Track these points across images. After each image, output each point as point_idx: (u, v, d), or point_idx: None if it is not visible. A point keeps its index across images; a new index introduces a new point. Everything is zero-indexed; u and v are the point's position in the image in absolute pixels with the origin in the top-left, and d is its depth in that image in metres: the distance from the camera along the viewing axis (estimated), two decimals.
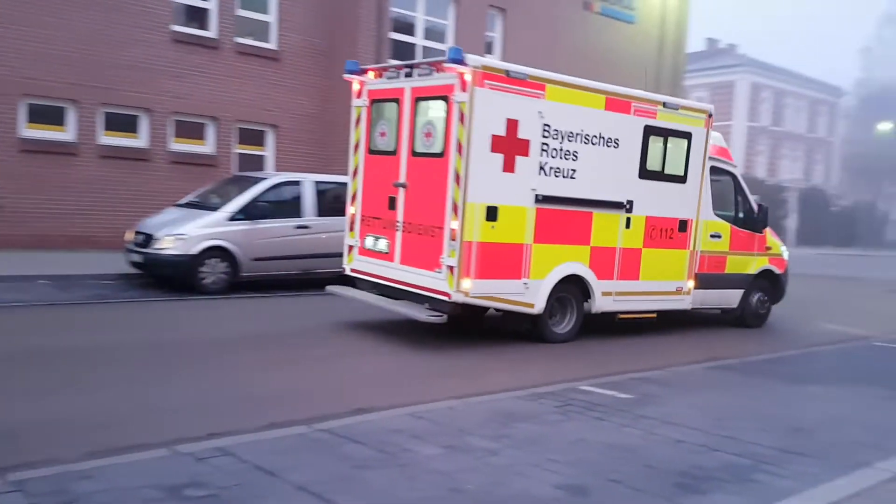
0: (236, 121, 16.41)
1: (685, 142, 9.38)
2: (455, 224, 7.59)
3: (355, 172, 9.12)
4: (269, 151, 17.21)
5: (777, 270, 11.06)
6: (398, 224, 8.39)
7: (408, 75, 8.32)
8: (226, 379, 6.40)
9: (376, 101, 8.82)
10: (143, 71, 14.90)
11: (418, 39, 18.90)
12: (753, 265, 10.71)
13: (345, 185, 11.78)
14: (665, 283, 9.45)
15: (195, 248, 10.70)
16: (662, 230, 9.29)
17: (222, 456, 4.29)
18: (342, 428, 4.94)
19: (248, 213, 11.16)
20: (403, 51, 18.67)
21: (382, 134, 8.70)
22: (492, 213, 7.77)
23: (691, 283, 9.69)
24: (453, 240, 7.62)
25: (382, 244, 8.65)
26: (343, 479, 4.05)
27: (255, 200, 11.29)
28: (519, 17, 20.65)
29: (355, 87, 9.05)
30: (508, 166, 7.83)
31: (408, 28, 18.70)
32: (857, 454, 4.86)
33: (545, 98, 8.06)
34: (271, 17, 16.89)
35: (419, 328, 8.33)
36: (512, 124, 7.80)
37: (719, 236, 10.18)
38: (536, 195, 8.07)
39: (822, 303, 15.02)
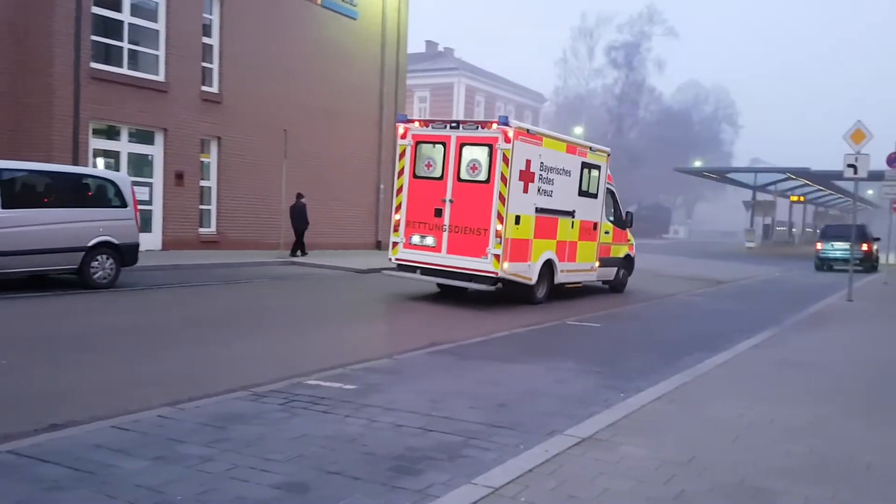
0: None
1: (598, 172, 14.34)
2: (500, 227, 11.67)
3: (400, 190, 12.70)
4: None
5: (632, 254, 16.75)
6: (445, 227, 12.16)
7: (453, 127, 12.26)
8: None
9: (420, 142, 12.51)
10: None
11: (125, 16, 17.41)
12: (622, 251, 16.16)
13: (43, 172, 12.03)
14: (587, 264, 14.34)
15: None
16: (586, 229, 14.08)
17: None
18: (32, 447, 4.38)
19: None
20: (108, 27, 17.10)
21: (428, 165, 12.40)
22: (517, 220, 12.01)
23: (597, 264, 14.66)
24: (498, 237, 11.66)
25: (429, 240, 12.32)
26: None
27: None
28: (239, 1, 19.96)
29: (400, 130, 12.75)
30: (525, 189, 12.12)
31: (114, 3, 17.13)
32: (551, 423, 5.40)
33: (542, 146, 12.55)
34: None
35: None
36: (528, 162, 12.11)
37: (608, 233, 15.27)
38: (536, 207, 12.46)
39: None
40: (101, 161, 17.43)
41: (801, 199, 62.58)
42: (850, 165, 14.66)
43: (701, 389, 6.45)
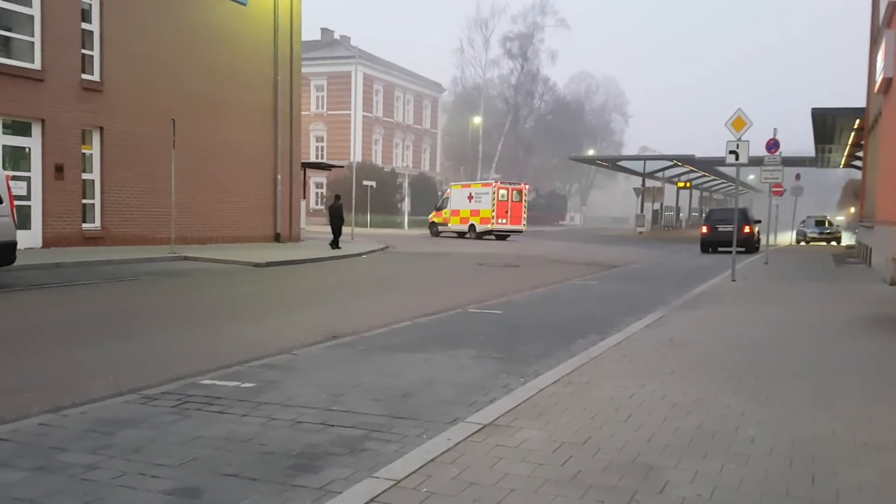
0: None
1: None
2: (524, 215, 41.35)
3: (494, 204, 39.63)
4: None
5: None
6: (508, 216, 40.14)
7: (512, 184, 42.04)
8: None
9: (499, 189, 40.46)
10: None
11: None
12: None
13: None
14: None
15: None
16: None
17: None
18: None
19: None
20: None
21: (503, 196, 40.20)
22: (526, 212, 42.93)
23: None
24: (524, 218, 41.36)
25: (502, 220, 39.87)
26: None
27: None
28: None
29: (494, 185, 41.39)
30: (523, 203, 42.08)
31: None
32: (453, 411, 5.43)
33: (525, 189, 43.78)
34: None
35: None
36: (525, 194, 42.93)
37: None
38: (526, 208, 42.84)
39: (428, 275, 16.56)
40: None
41: (688, 184, 65.67)
42: (731, 152, 15.46)
43: (595, 371, 6.64)
